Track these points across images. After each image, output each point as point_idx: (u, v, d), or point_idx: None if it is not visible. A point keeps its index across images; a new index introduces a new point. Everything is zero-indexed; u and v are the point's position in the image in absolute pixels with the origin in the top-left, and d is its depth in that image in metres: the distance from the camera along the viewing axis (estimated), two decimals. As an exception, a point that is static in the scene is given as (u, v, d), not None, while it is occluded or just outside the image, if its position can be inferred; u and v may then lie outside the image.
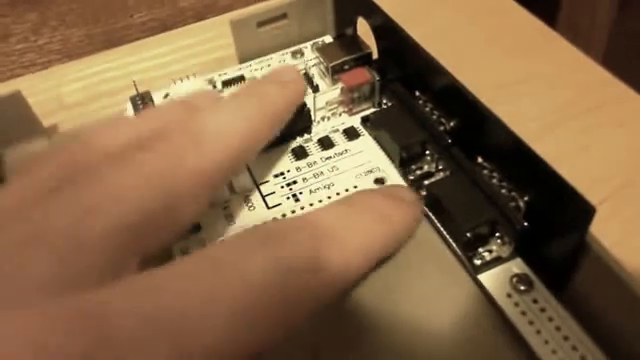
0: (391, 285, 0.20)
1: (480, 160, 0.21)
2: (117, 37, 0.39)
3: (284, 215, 0.22)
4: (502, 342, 0.18)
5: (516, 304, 0.19)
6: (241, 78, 0.29)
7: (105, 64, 0.33)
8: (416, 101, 0.24)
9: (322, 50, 0.28)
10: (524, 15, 0.33)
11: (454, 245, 0.21)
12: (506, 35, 0.32)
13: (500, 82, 0.29)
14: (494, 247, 0.20)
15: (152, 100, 0.27)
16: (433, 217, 0.22)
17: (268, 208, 0.23)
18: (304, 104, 0.25)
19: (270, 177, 0.24)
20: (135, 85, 0.27)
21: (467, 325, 0.19)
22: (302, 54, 0.30)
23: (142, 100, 0.27)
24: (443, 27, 0.33)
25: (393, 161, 0.24)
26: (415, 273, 0.20)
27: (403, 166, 0.23)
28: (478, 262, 0.20)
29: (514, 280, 0.19)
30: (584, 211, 0.17)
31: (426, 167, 0.23)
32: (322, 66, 0.28)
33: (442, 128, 0.23)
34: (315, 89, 0.27)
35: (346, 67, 0.27)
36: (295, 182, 0.24)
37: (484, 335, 0.19)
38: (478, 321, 0.19)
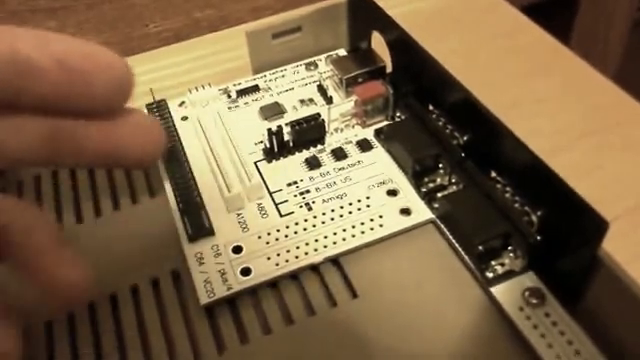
0: (403, 297, 0.20)
1: (493, 174, 0.22)
2: (133, 46, 0.39)
3: (297, 223, 0.22)
4: (514, 355, 0.18)
5: (528, 317, 0.19)
6: (255, 88, 0.29)
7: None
8: (430, 115, 0.25)
9: (336, 63, 0.29)
10: (539, 33, 0.33)
11: (466, 258, 0.21)
12: (521, 53, 0.32)
13: (515, 99, 0.29)
14: (507, 260, 0.21)
15: (168, 108, 0.28)
16: (446, 229, 0.22)
17: (281, 216, 0.23)
18: (318, 115, 0.26)
19: (283, 186, 0.24)
20: (152, 93, 0.28)
21: (479, 337, 0.19)
22: (316, 66, 0.30)
23: (158, 108, 0.28)
24: (458, 44, 0.33)
25: (406, 173, 0.24)
26: (427, 285, 0.21)
27: (416, 178, 0.24)
28: (490, 275, 0.20)
29: (526, 293, 0.19)
30: (597, 226, 0.17)
31: (439, 180, 0.24)
32: (336, 78, 0.28)
33: (455, 142, 0.23)
34: (329, 101, 0.28)
35: (360, 80, 0.28)
36: (308, 191, 0.24)
37: (496, 347, 0.19)
38: (490, 333, 0.19)
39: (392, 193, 0.23)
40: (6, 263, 0.18)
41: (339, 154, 0.25)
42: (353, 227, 0.22)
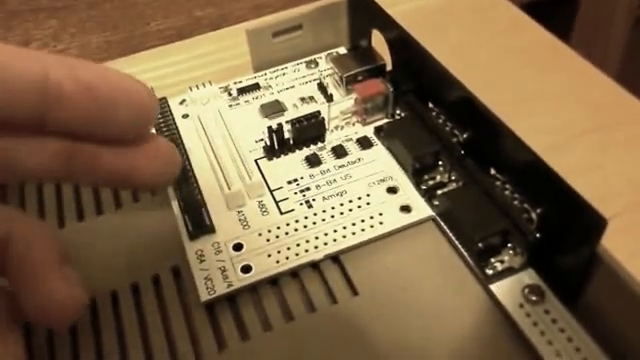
0: (403, 293, 0.20)
1: (493, 172, 0.22)
2: (134, 44, 0.39)
3: (297, 221, 0.23)
4: (514, 352, 0.18)
5: (528, 314, 0.19)
6: (256, 86, 0.29)
7: (122, 70, 0.33)
8: (429, 112, 0.25)
9: (336, 61, 0.29)
10: (540, 31, 0.33)
11: (466, 255, 0.21)
12: (521, 51, 0.32)
13: (515, 97, 0.29)
14: (506, 257, 0.21)
15: (169, 106, 0.28)
16: (445, 227, 0.22)
17: (281, 213, 0.23)
18: (318, 113, 0.26)
19: (284, 183, 0.24)
20: (153, 91, 0.28)
21: (479, 334, 0.19)
22: (316, 64, 0.30)
23: (159, 106, 0.28)
24: (458, 42, 0.33)
25: (406, 171, 0.24)
26: (427, 282, 0.21)
27: (416, 176, 0.24)
28: (490, 272, 0.20)
29: (526, 291, 0.19)
30: (596, 224, 0.17)
31: (439, 177, 0.24)
32: (336, 76, 0.28)
33: (455, 139, 0.23)
34: (329, 99, 0.28)
35: (360, 78, 0.28)
36: (308, 189, 0.24)
37: (495, 344, 0.19)
38: (489, 330, 0.19)
39: (392, 190, 0.23)
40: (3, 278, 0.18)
41: (339, 152, 0.25)
42: (353, 224, 0.22)
